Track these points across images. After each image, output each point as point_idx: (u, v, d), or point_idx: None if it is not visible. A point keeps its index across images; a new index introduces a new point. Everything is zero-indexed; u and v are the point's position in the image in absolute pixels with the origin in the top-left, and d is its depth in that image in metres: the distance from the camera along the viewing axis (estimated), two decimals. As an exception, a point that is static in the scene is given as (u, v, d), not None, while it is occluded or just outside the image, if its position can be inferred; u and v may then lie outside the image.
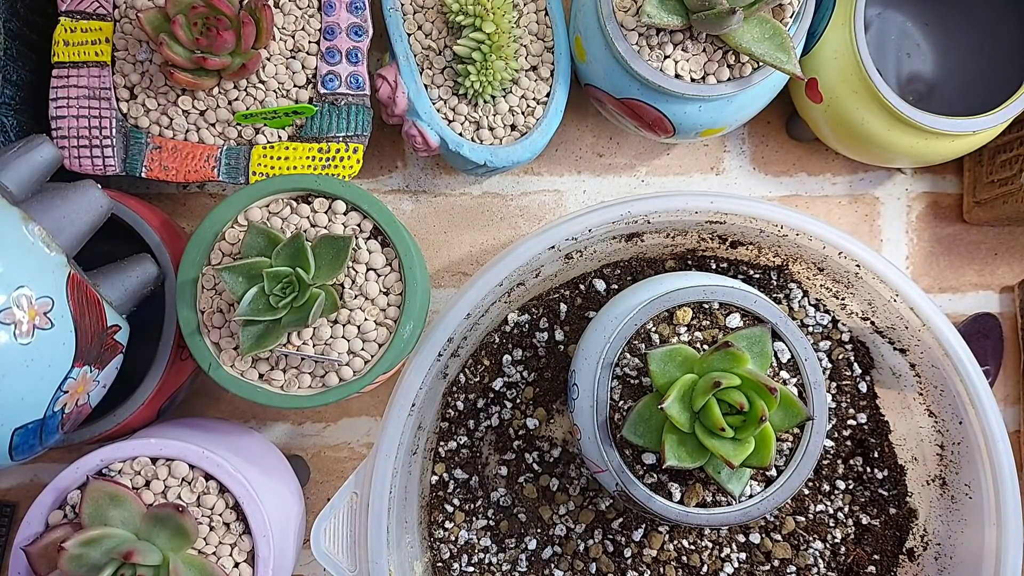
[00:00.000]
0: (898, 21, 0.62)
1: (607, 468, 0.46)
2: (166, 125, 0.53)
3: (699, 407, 0.43)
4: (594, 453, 0.47)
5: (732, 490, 0.44)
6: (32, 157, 0.43)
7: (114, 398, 0.49)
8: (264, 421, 0.63)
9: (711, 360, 0.44)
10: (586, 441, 0.47)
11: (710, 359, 0.44)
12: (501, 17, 0.53)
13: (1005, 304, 0.68)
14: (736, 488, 0.44)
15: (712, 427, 0.42)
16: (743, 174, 0.66)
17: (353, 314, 0.47)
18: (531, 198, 0.64)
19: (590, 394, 0.46)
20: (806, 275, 0.58)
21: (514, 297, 0.57)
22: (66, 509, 0.46)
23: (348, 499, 0.50)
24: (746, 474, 0.45)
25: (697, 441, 0.43)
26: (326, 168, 0.54)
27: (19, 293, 0.39)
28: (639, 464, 0.47)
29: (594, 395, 0.46)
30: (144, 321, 0.50)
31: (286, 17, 0.54)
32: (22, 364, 0.39)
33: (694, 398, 0.43)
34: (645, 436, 0.45)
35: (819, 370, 0.46)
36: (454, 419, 0.58)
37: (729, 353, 0.43)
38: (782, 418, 0.44)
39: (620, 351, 0.46)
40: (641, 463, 0.47)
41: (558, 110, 0.56)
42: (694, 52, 0.51)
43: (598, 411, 0.46)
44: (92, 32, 0.53)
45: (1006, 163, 0.61)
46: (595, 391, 0.46)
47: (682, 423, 0.43)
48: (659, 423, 0.44)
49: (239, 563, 0.47)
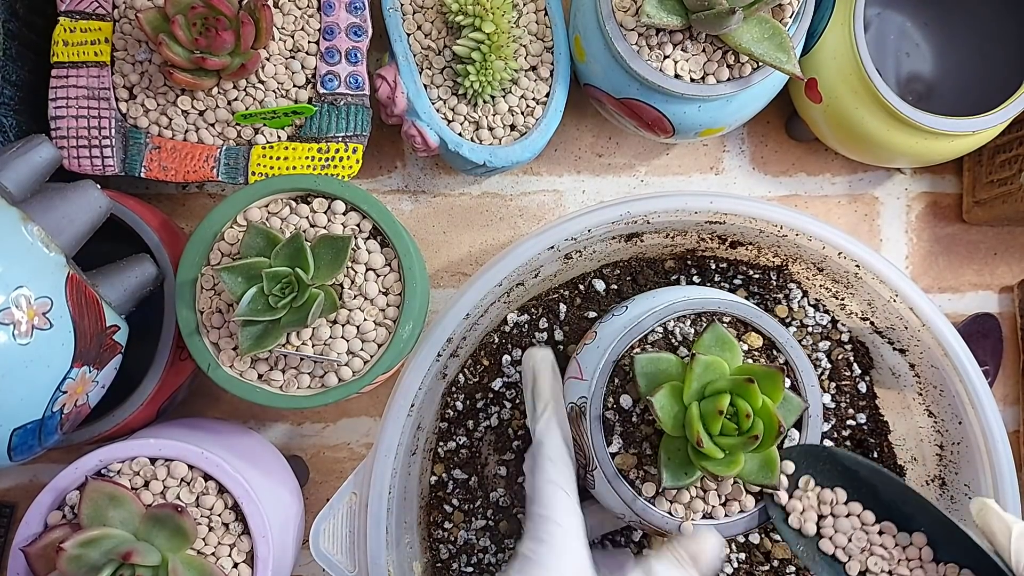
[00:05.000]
0: (898, 21, 0.62)
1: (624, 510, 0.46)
2: (165, 125, 0.53)
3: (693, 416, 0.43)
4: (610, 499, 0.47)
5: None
6: (31, 157, 0.43)
7: (113, 398, 0.49)
8: (264, 421, 0.63)
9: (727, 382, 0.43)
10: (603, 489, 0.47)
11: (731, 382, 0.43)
12: (501, 17, 0.53)
13: (1004, 304, 0.68)
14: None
15: (706, 432, 0.42)
16: (742, 174, 0.66)
17: (352, 314, 0.47)
18: (531, 198, 0.64)
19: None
20: (806, 275, 0.58)
21: (513, 297, 0.57)
22: (65, 509, 0.46)
23: (347, 499, 0.50)
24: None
25: (687, 456, 0.43)
26: (325, 168, 0.54)
27: (18, 293, 0.39)
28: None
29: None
30: (143, 321, 0.50)
31: (285, 17, 0.54)
32: (21, 364, 0.39)
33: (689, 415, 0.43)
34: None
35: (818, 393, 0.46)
36: (453, 419, 0.58)
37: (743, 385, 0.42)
38: (784, 413, 0.44)
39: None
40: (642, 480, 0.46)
41: (558, 110, 0.56)
42: (694, 52, 0.51)
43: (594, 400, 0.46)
44: (91, 32, 0.53)
45: (1005, 163, 0.61)
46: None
47: (671, 427, 0.43)
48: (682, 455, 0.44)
49: (238, 563, 0.47)
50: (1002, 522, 0.40)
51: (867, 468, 0.44)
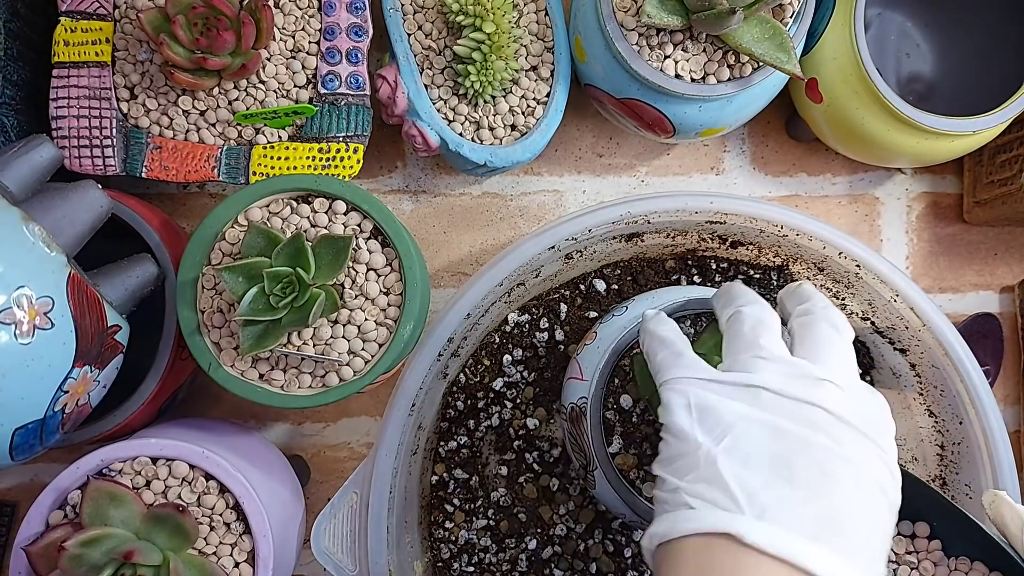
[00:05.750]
0: (898, 21, 0.62)
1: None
2: (166, 125, 0.53)
3: None
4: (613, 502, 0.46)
5: None
6: (32, 157, 0.43)
7: (114, 398, 0.49)
8: (264, 421, 0.63)
9: None
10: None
11: None
12: (501, 17, 0.53)
13: (1005, 304, 0.68)
14: None
15: None
16: (743, 174, 0.66)
17: (353, 314, 0.47)
18: (531, 198, 0.64)
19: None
20: (806, 275, 0.58)
21: (514, 297, 0.57)
22: (66, 509, 0.46)
23: (348, 499, 0.50)
24: None
25: None
26: (326, 168, 0.54)
27: (19, 293, 0.39)
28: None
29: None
30: (144, 321, 0.50)
31: (286, 17, 0.54)
32: (22, 364, 0.39)
33: None
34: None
35: None
36: (454, 419, 0.58)
37: None
38: None
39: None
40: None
41: (558, 110, 0.56)
42: (694, 52, 0.51)
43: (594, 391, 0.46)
44: (92, 32, 0.53)
45: (1006, 163, 0.61)
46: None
47: None
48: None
49: (239, 563, 0.47)
50: (1015, 513, 0.40)
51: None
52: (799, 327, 0.37)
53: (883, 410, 0.36)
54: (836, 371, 0.35)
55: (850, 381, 0.35)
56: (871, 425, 0.34)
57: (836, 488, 0.32)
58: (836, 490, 0.32)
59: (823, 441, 0.33)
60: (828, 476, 0.32)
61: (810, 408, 0.33)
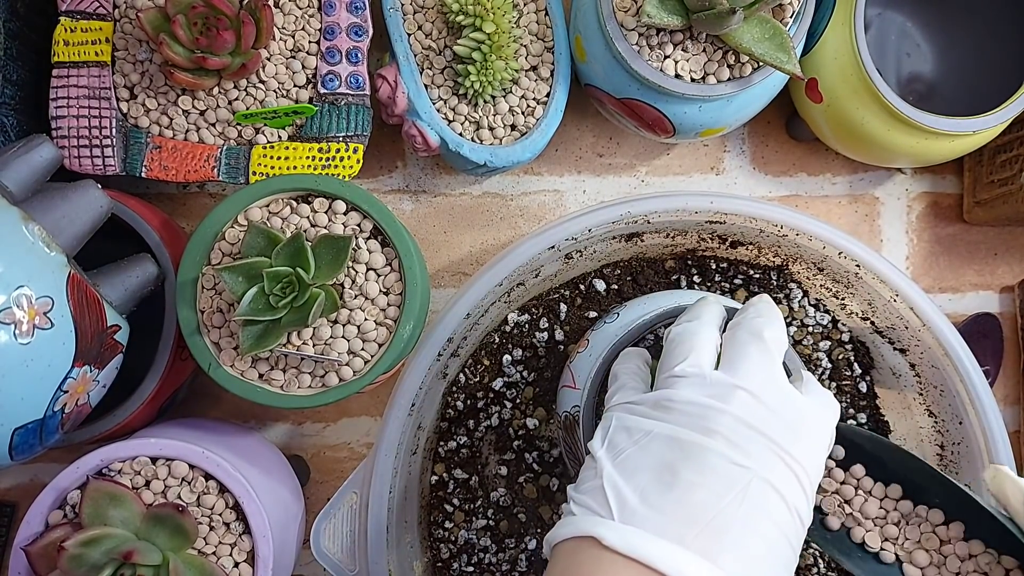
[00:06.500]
0: (898, 21, 0.62)
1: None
2: (166, 125, 0.53)
3: None
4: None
5: None
6: (32, 157, 0.43)
7: (114, 398, 0.49)
8: (264, 421, 0.63)
9: None
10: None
11: None
12: (501, 17, 0.53)
13: (1005, 304, 0.68)
14: None
15: None
16: (743, 174, 0.66)
17: (353, 314, 0.47)
18: (531, 198, 0.64)
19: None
20: (806, 275, 0.58)
21: (514, 297, 0.57)
22: (66, 509, 0.46)
23: (348, 499, 0.50)
24: None
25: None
26: (326, 168, 0.54)
27: (19, 293, 0.39)
28: None
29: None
30: (144, 321, 0.50)
31: (286, 17, 0.54)
32: (22, 364, 0.39)
33: None
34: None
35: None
36: (454, 419, 0.58)
37: None
38: None
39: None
40: None
41: (558, 110, 0.56)
42: (694, 52, 0.51)
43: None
44: (92, 32, 0.53)
45: (1006, 163, 0.61)
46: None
47: None
48: None
49: (239, 563, 0.47)
50: (1016, 487, 0.39)
51: (889, 447, 0.43)
52: (725, 340, 0.38)
53: (814, 419, 0.36)
54: (751, 379, 0.35)
55: (766, 388, 0.35)
56: (784, 432, 0.34)
57: (721, 492, 0.32)
58: (720, 494, 0.32)
59: (718, 447, 0.33)
60: (714, 481, 0.33)
61: (716, 415, 0.34)
